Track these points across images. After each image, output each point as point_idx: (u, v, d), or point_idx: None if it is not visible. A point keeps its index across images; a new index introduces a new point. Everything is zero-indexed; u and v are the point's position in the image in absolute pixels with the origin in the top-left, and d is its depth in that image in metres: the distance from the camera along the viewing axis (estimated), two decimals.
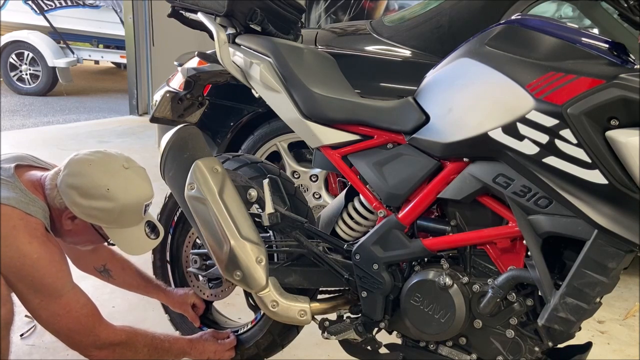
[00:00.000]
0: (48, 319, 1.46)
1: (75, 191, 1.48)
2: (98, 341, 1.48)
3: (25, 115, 6.21)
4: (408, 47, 2.61)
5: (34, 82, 7.43)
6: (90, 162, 1.52)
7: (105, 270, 1.83)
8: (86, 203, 1.48)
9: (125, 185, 1.52)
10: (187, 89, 1.71)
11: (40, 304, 1.43)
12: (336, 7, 6.53)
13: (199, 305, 1.86)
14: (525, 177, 1.23)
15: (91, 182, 1.49)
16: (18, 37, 7.36)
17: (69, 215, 1.51)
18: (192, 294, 1.85)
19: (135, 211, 1.55)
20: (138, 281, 1.87)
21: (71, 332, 1.46)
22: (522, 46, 1.26)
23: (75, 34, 7.66)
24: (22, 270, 1.39)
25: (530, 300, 1.33)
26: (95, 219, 1.51)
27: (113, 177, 1.51)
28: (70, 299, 1.45)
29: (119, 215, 1.52)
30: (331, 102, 1.47)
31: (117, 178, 1.52)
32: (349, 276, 1.50)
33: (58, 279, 1.44)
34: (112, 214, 1.51)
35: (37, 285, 1.41)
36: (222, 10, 1.54)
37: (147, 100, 6.41)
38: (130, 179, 1.54)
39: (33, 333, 2.11)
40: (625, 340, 2.28)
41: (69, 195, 1.48)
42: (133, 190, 1.54)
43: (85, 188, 1.48)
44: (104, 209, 1.50)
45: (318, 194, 2.68)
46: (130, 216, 1.55)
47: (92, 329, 1.48)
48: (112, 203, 1.49)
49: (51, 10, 7.57)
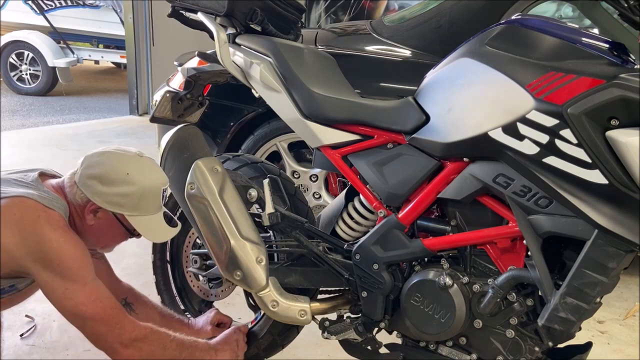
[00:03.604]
0: (74, 309, 1.43)
1: (95, 180, 1.51)
2: (124, 334, 1.45)
3: (25, 115, 6.21)
4: (408, 47, 2.61)
5: (34, 82, 7.42)
6: (106, 154, 1.56)
7: (127, 305, 1.78)
8: (108, 190, 1.51)
9: (142, 169, 1.55)
10: (187, 89, 1.71)
11: (65, 292, 1.41)
12: (336, 7, 6.53)
13: (225, 321, 1.82)
14: (526, 177, 1.23)
15: (111, 169, 1.53)
16: (18, 37, 7.36)
17: (91, 208, 1.52)
18: (212, 316, 1.81)
19: (154, 196, 1.56)
20: (160, 316, 1.82)
21: (97, 324, 1.43)
22: (522, 46, 1.26)
23: (75, 34, 7.66)
24: (48, 255, 1.40)
25: (530, 300, 1.33)
26: (117, 206, 1.52)
27: (130, 163, 1.55)
28: (96, 288, 1.45)
29: (140, 200, 1.53)
30: (331, 102, 1.47)
31: (134, 164, 1.55)
32: (349, 276, 1.50)
33: (84, 265, 1.44)
34: (133, 198, 1.52)
35: (63, 271, 1.41)
36: (222, 10, 1.54)
37: (147, 100, 6.40)
38: (147, 165, 1.58)
39: (33, 333, 2.11)
40: (625, 340, 2.28)
41: (89, 186, 1.51)
42: (150, 174, 1.56)
43: (106, 175, 1.51)
44: (125, 194, 1.51)
45: (318, 194, 2.68)
46: (151, 201, 1.56)
47: (118, 321, 1.45)
48: (133, 187, 1.52)
49: (51, 10, 7.57)
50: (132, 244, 1.99)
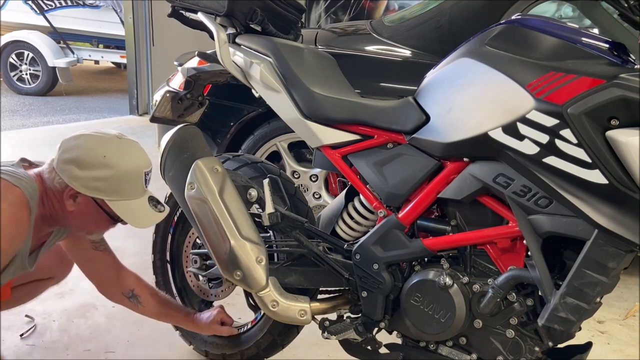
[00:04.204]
0: None
1: (72, 164, 1.47)
2: None
3: (25, 115, 6.21)
4: (408, 47, 2.61)
5: (34, 82, 7.42)
6: (83, 137, 1.52)
7: (134, 296, 1.79)
8: (85, 174, 1.46)
9: (121, 151, 1.50)
10: (187, 88, 1.71)
11: None
12: (336, 7, 6.53)
13: (227, 321, 1.82)
14: (526, 177, 1.23)
15: (87, 152, 1.48)
16: (18, 37, 7.35)
17: (69, 193, 1.48)
18: (217, 314, 1.81)
19: (135, 179, 1.52)
20: (167, 309, 1.83)
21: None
22: (522, 46, 1.26)
23: (75, 34, 7.65)
24: None
25: (530, 300, 1.33)
26: (96, 190, 1.48)
27: (108, 146, 1.50)
28: None
29: (120, 184, 1.49)
30: (331, 102, 1.47)
31: (112, 146, 1.50)
32: (349, 276, 1.50)
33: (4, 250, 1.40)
34: (112, 182, 1.48)
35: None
36: (222, 10, 1.54)
37: (147, 100, 6.40)
38: (126, 147, 1.52)
39: (33, 333, 2.11)
40: (625, 340, 2.28)
41: (66, 170, 1.47)
42: (130, 156, 1.51)
43: (82, 158, 1.47)
44: (103, 178, 1.47)
45: (318, 194, 2.68)
46: (131, 185, 1.51)
47: None
48: (110, 170, 1.47)
49: (51, 10, 7.56)
50: (132, 245, 1.99)
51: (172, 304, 1.85)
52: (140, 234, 2.72)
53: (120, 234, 2.67)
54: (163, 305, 1.81)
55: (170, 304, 1.85)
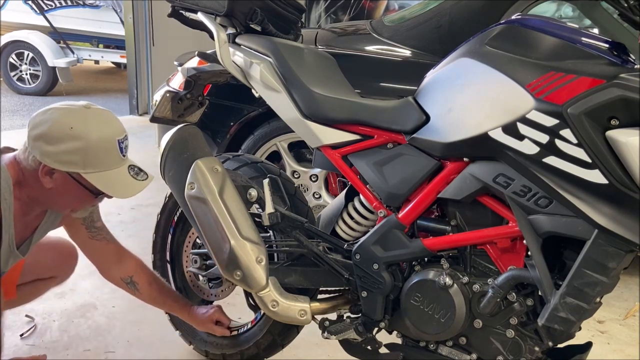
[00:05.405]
0: None
1: (41, 140, 1.43)
2: None
3: (25, 115, 6.20)
4: (408, 47, 2.61)
5: (34, 82, 7.41)
6: (49, 111, 1.48)
7: (132, 282, 1.80)
8: (54, 149, 1.43)
9: (89, 121, 1.46)
10: (187, 88, 1.71)
11: None
12: (336, 7, 6.53)
13: (223, 321, 1.83)
14: (526, 177, 1.23)
15: (54, 125, 1.44)
16: (18, 37, 7.35)
17: (44, 170, 1.45)
18: (214, 312, 1.82)
19: (108, 149, 1.47)
20: (164, 298, 1.83)
21: None
22: (522, 46, 1.26)
23: (75, 33, 7.65)
24: None
25: (530, 300, 1.33)
26: (68, 164, 1.44)
27: (74, 116, 1.46)
28: None
29: (93, 155, 1.45)
30: (331, 102, 1.47)
31: (78, 116, 1.46)
32: (349, 276, 1.50)
33: None
34: (83, 154, 1.44)
35: None
36: (222, 10, 1.54)
37: (147, 100, 6.40)
38: (94, 116, 1.48)
39: (33, 333, 2.11)
40: (625, 340, 2.28)
41: (37, 147, 1.44)
42: (99, 125, 1.47)
43: (50, 133, 1.43)
44: (73, 150, 1.43)
45: (318, 194, 2.68)
46: (105, 155, 1.47)
47: None
48: (79, 142, 1.43)
49: (51, 10, 7.56)
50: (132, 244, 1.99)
51: (170, 293, 1.86)
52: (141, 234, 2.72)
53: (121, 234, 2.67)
54: (160, 294, 1.83)
55: (168, 293, 1.86)
